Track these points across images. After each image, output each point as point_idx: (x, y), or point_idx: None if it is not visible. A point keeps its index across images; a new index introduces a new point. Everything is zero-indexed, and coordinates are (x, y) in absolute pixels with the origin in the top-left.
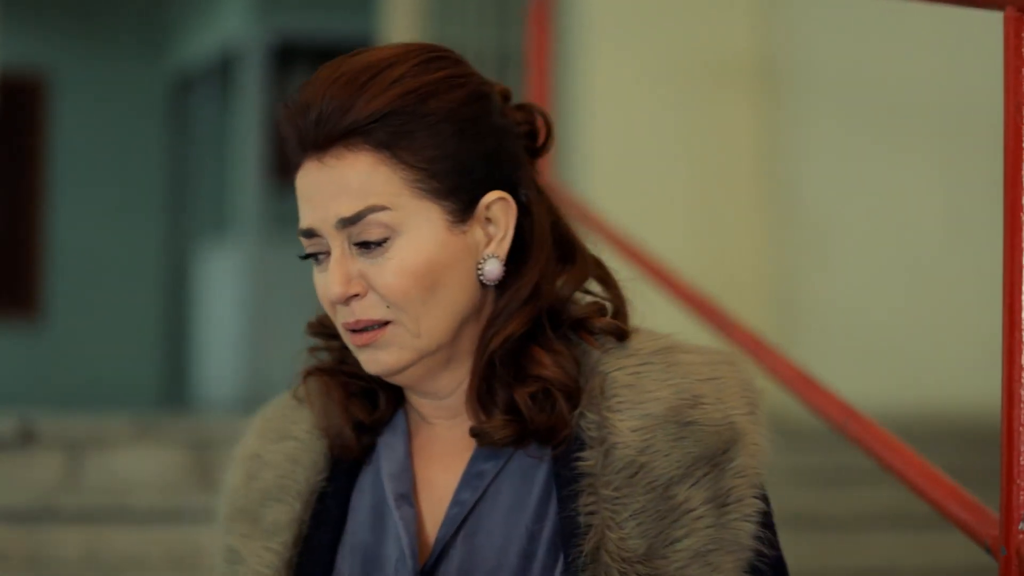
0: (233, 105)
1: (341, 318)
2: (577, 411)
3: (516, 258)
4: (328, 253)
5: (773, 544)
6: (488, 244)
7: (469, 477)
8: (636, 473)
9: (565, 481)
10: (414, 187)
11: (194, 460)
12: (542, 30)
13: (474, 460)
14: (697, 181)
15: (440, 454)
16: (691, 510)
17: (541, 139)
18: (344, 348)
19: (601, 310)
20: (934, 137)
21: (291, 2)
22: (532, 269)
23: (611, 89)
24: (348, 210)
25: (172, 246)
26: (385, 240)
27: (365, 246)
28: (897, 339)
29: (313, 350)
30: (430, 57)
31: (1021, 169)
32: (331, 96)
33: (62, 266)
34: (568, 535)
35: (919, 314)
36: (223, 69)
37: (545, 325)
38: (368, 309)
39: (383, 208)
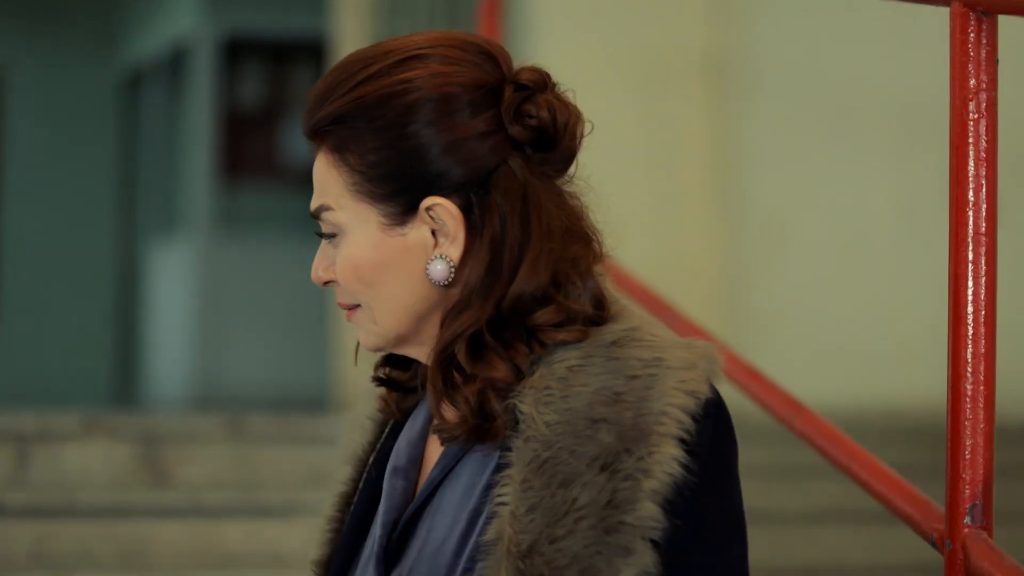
0: (184, 101)
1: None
2: (509, 401)
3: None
4: (327, 235)
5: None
6: (436, 245)
7: (444, 456)
8: (540, 467)
9: (498, 469)
10: (353, 190)
11: (143, 456)
12: (492, 28)
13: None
14: (650, 179)
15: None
16: (577, 509)
17: (553, 135)
18: None
19: (561, 322)
20: (885, 135)
21: None
22: (488, 279)
23: (564, 87)
24: (312, 204)
25: (123, 242)
26: (334, 236)
27: (328, 237)
28: (848, 336)
29: None
30: (416, 55)
31: (967, 165)
32: (315, 91)
33: (12, 262)
34: (484, 523)
35: (869, 311)
36: (174, 65)
37: (508, 323)
38: (341, 294)
39: (329, 208)
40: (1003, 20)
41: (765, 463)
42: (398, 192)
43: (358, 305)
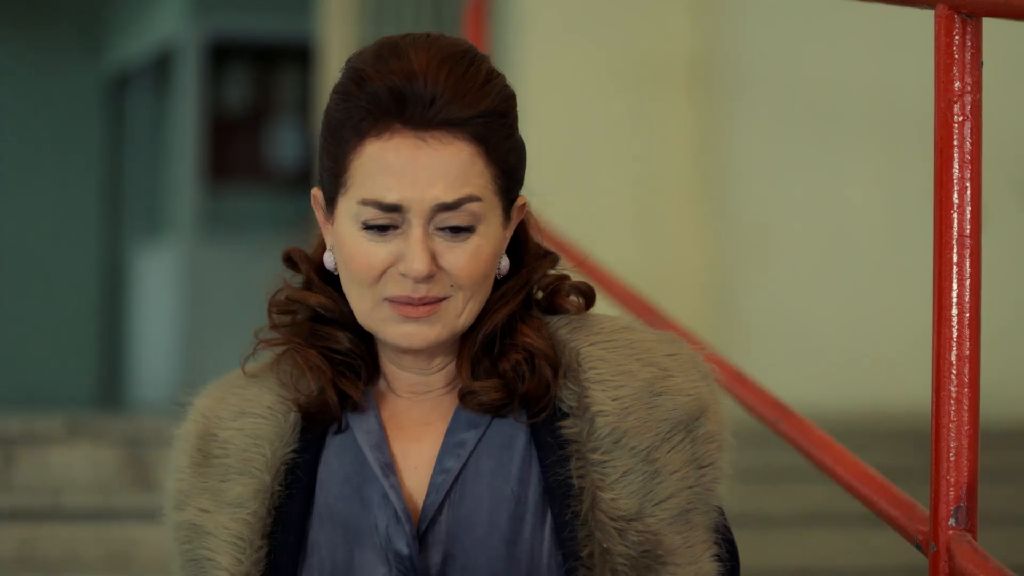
0: (170, 104)
1: (398, 291)
2: (558, 382)
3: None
4: (395, 227)
5: (723, 512)
6: (504, 241)
7: (449, 446)
8: (620, 439)
9: (548, 448)
10: (495, 183)
11: (128, 458)
12: (478, 31)
13: (452, 430)
14: (634, 180)
15: (407, 427)
16: (674, 471)
17: None
18: (317, 323)
19: (564, 277)
20: (870, 136)
21: (228, 1)
22: (530, 264)
23: (550, 89)
24: (449, 196)
25: (108, 245)
26: (471, 227)
27: (454, 230)
28: (833, 338)
29: (272, 328)
30: (482, 54)
31: (951, 168)
32: (446, 80)
33: None
34: (560, 497)
35: (854, 313)
36: (159, 67)
37: (531, 303)
38: (435, 287)
39: (477, 199)
40: (988, 23)
41: (751, 466)
42: (514, 187)
43: (446, 297)
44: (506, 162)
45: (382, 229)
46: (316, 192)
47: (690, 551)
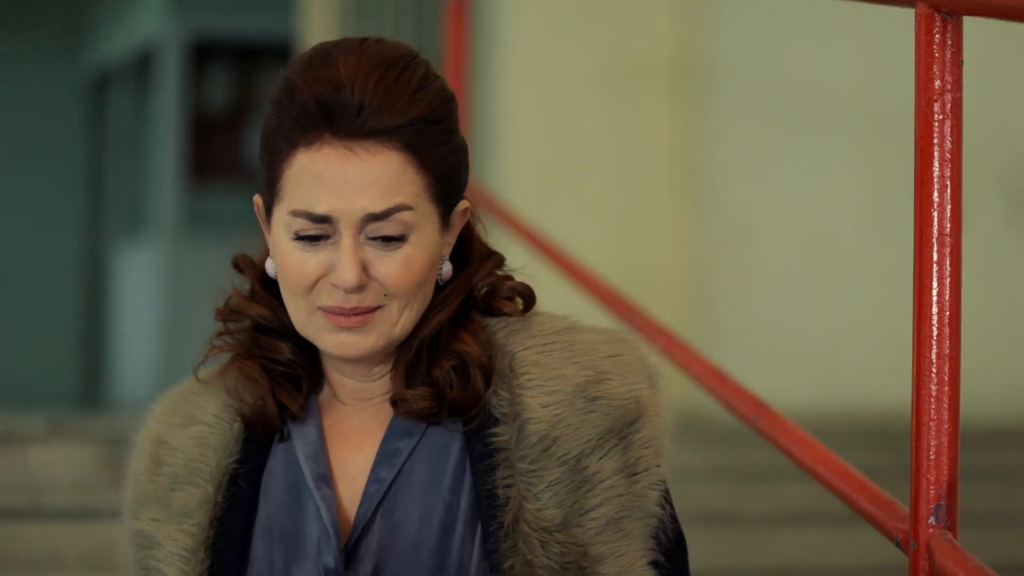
0: (151, 103)
1: (330, 301)
2: (490, 389)
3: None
4: (326, 237)
5: (674, 517)
6: (444, 247)
7: (384, 455)
8: (549, 447)
9: (479, 456)
10: (428, 191)
11: (108, 457)
12: (459, 28)
13: (388, 439)
14: (616, 179)
15: (350, 434)
16: (603, 480)
17: None
18: (259, 333)
19: (505, 278)
20: (852, 136)
21: (209, 0)
22: (472, 268)
23: (530, 87)
24: (378, 206)
25: (89, 243)
26: (402, 236)
27: (385, 240)
28: (815, 337)
29: (221, 334)
30: (421, 57)
31: (931, 166)
32: (375, 88)
33: None
34: (486, 507)
35: (836, 312)
36: (141, 67)
37: (469, 307)
38: (368, 297)
39: (408, 208)
40: (973, 24)
41: (731, 464)
42: (452, 194)
43: (380, 307)
44: (442, 168)
45: (313, 239)
46: (257, 199)
47: (619, 560)
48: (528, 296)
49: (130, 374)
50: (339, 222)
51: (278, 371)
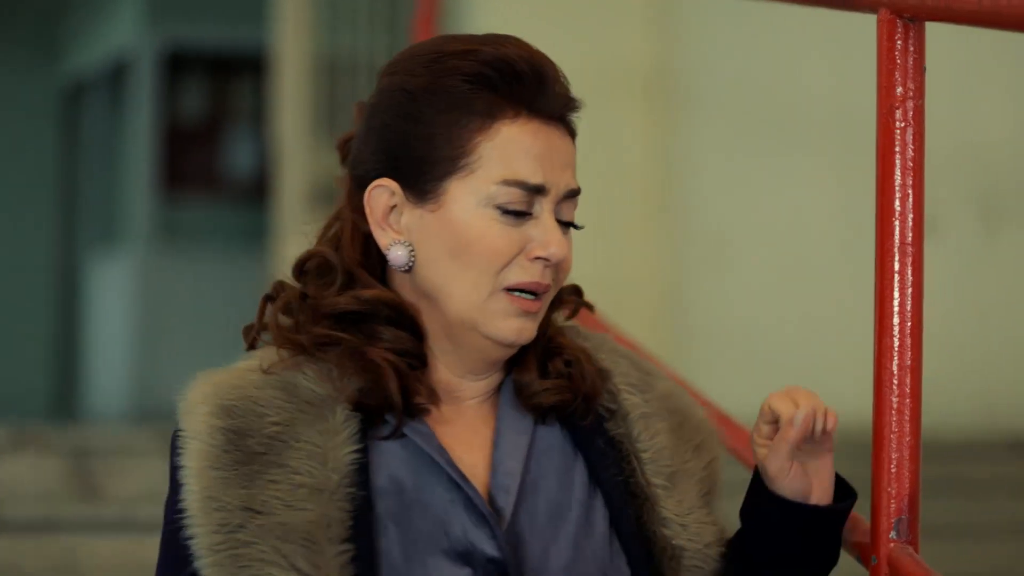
0: (125, 113)
1: (525, 277)
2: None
3: None
4: (529, 214)
5: None
6: None
7: (508, 450)
8: (656, 436)
9: (598, 450)
10: None
11: (74, 470)
12: (428, 37)
13: (504, 434)
14: (591, 189)
15: (458, 432)
16: (688, 461)
17: None
18: (373, 322)
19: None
20: (826, 146)
21: (182, 11)
22: None
23: None
24: (575, 184)
25: (63, 254)
26: (572, 222)
27: (563, 224)
28: (788, 347)
29: (285, 327)
30: None
31: (893, 175)
32: (551, 72)
33: None
34: (616, 498)
35: (810, 322)
36: (115, 77)
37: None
38: (549, 276)
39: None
40: (946, 33)
41: None
42: None
43: (548, 291)
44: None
45: (518, 214)
46: (389, 182)
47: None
48: (581, 297)
49: (103, 385)
50: (547, 196)
51: (402, 363)
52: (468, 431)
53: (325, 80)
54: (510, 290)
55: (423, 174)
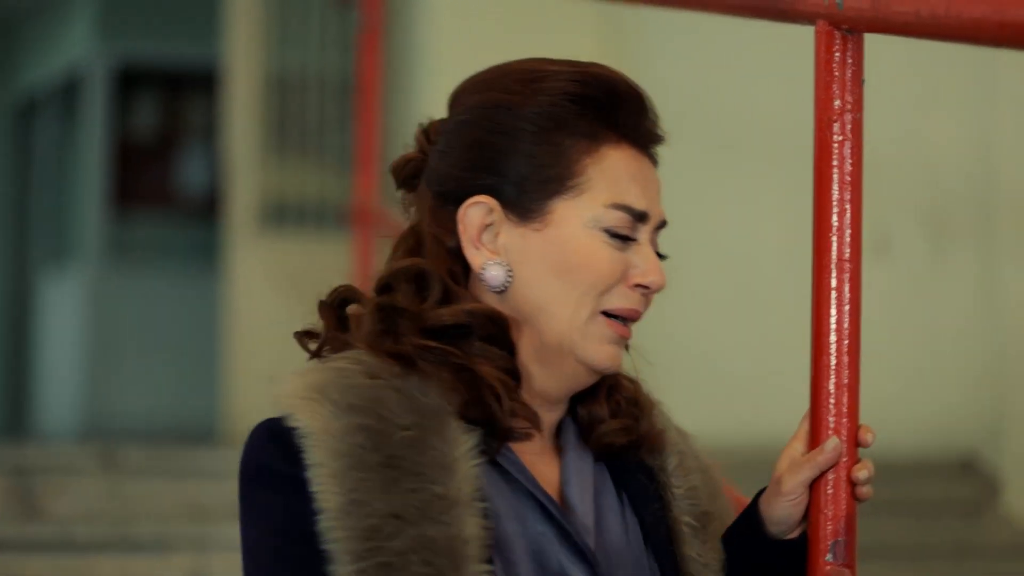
0: (77, 129)
1: (625, 303)
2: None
3: None
4: (631, 239)
5: None
6: None
7: (578, 483)
8: (688, 474)
9: (641, 484)
10: None
11: (14, 488)
12: (373, 54)
13: (572, 470)
14: None
15: (533, 462)
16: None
17: None
18: (475, 339)
19: None
20: (777, 164)
21: (135, 27)
22: None
23: None
24: (665, 215)
25: (14, 271)
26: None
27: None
28: (740, 368)
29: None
30: None
31: (830, 189)
32: (648, 102)
33: None
34: (658, 534)
35: (762, 343)
36: (67, 93)
37: None
38: (644, 304)
39: None
40: (891, 44)
41: None
42: None
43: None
44: None
45: (623, 239)
46: (485, 200)
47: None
48: None
49: (54, 404)
50: (647, 224)
51: (510, 381)
52: (540, 462)
53: (276, 97)
54: (607, 314)
55: (527, 192)
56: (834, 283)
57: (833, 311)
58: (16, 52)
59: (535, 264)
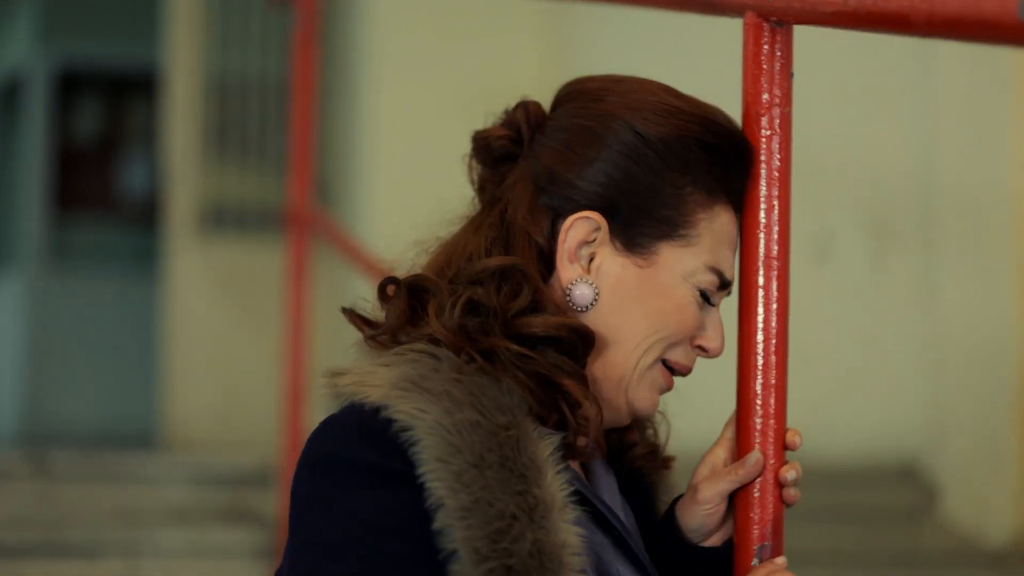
0: (17, 133)
1: (684, 360)
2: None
3: None
4: (712, 304)
5: None
6: None
7: (615, 503)
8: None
9: (642, 491)
10: None
11: None
12: (308, 55)
13: (604, 488)
14: None
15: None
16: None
17: None
18: (552, 349)
19: None
20: None
21: (75, 29)
22: None
23: (397, 119)
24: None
25: None
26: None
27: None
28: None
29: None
30: None
31: (758, 184)
32: None
33: None
34: (649, 535)
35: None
36: (8, 96)
37: None
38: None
39: None
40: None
41: None
42: None
43: None
44: None
45: (707, 301)
46: (596, 219)
47: None
48: None
49: None
50: (726, 292)
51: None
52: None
53: (216, 100)
54: (664, 365)
55: (641, 226)
56: (761, 281)
57: (760, 310)
58: None
59: (626, 296)
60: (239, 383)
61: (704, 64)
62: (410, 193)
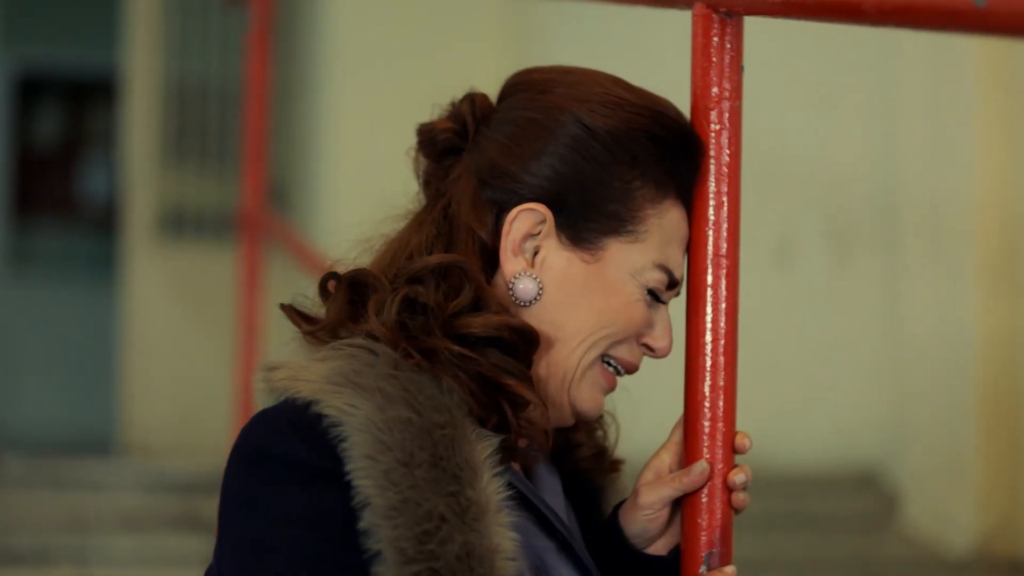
0: None
1: (630, 357)
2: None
3: None
4: (661, 302)
5: None
6: None
7: (558, 505)
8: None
9: (587, 493)
10: None
11: None
12: (261, 57)
13: (546, 490)
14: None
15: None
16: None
17: None
18: (493, 349)
19: None
20: None
21: (35, 35)
22: None
23: (355, 121)
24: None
25: None
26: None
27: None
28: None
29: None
30: None
31: (707, 181)
32: None
33: None
34: (592, 539)
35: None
36: None
37: None
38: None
39: None
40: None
41: None
42: None
43: None
44: None
45: (655, 299)
46: (542, 211)
47: None
48: None
49: None
50: (674, 291)
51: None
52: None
53: (175, 105)
54: (606, 359)
55: (588, 220)
56: (710, 280)
57: (709, 309)
58: None
59: (571, 292)
60: (197, 389)
61: (666, 59)
62: (369, 196)
